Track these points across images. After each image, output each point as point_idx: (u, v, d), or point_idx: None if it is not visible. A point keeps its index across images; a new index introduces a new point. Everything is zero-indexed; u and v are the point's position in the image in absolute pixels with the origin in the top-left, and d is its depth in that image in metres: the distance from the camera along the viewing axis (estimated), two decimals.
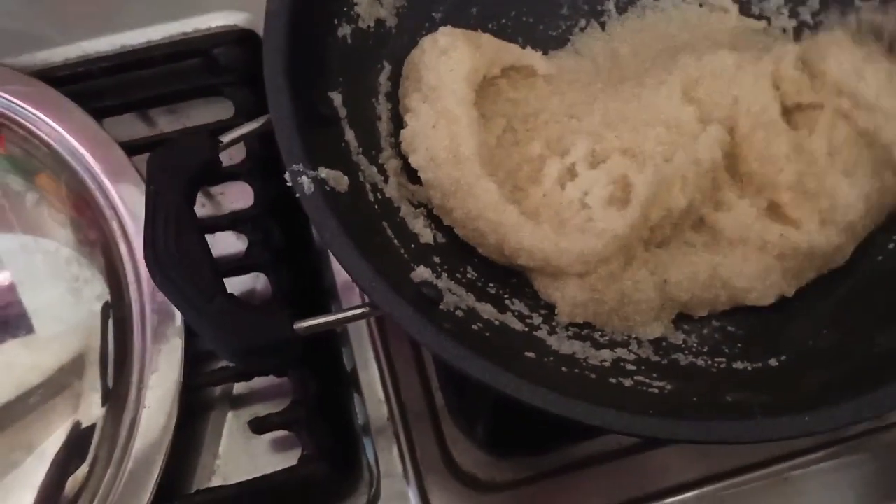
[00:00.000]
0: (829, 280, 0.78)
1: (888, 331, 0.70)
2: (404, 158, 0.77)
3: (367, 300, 0.65)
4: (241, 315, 0.64)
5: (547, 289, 0.75)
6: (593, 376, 0.69)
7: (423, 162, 0.75)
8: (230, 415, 0.85)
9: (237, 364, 0.81)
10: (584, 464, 0.80)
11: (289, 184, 0.65)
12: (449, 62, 0.77)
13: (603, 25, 0.89)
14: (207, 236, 0.84)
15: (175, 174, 0.68)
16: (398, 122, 0.79)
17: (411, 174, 0.78)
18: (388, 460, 0.80)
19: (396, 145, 0.78)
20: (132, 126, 0.96)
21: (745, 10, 0.88)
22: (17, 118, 0.87)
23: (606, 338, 0.74)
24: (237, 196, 0.92)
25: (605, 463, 0.80)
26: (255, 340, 0.63)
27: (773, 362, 0.73)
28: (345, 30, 0.77)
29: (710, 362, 0.74)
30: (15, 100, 0.88)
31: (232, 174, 0.89)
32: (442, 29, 0.80)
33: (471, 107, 0.76)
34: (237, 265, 0.86)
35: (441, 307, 0.68)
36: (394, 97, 0.80)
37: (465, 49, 0.77)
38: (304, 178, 0.65)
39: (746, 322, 0.77)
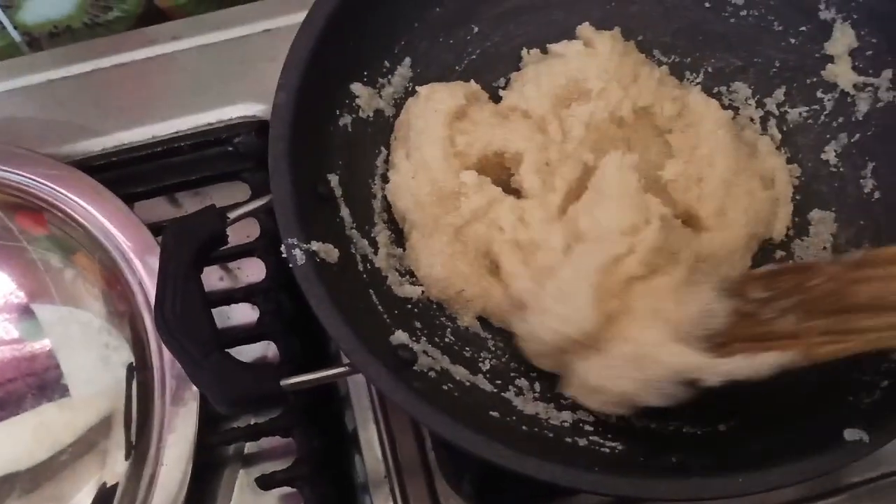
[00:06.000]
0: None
1: (824, 405, 0.72)
2: (394, 230, 0.83)
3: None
4: (234, 370, 0.69)
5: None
6: (551, 435, 0.73)
7: (410, 205, 0.81)
8: (241, 472, 0.88)
9: (228, 413, 0.85)
10: None
11: (284, 255, 0.71)
12: (434, 104, 0.83)
13: None
14: (224, 308, 0.90)
15: (185, 244, 0.74)
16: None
17: (399, 241, 0.83)
18: None
19: (388, 220, 0.83)
20: (161, 206, 1.01)
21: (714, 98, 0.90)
22: (59, 203, 0.94)
23: (569, 400, 0.76)
24: (252, 270, 0.97)
25: None
26: (245, 393, 0.69)
27: (721, 427, 0.75)
28: (346, 119, 0.83)
29: (662, 425, 0.76)
30: (57, 187, 0.94)
31: (247, 250, 0.94)
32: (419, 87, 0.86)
33: (447, 144, 0.82)
34: (250, 334, 0.91)
35: (415, 368, 0.72)
36: (388, 178, 0.85)
37: (445, 90, 0.84)
38: (297, 251, 0.70)
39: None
